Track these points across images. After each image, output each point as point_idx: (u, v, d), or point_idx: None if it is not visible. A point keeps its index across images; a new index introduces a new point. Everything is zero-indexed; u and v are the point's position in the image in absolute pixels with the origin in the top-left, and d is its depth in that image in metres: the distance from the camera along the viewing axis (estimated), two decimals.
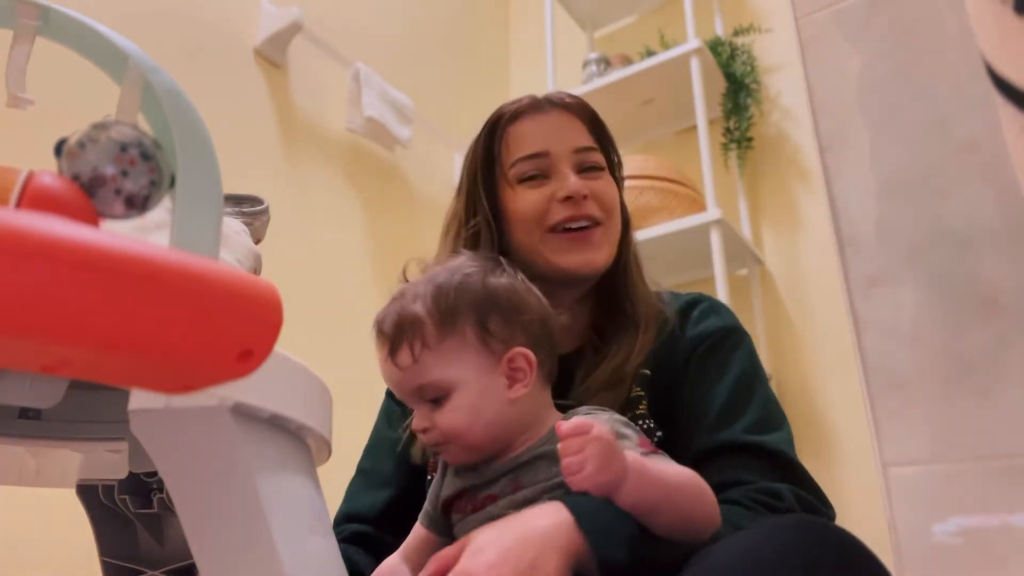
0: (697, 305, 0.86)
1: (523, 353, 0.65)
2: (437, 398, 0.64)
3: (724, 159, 2.06)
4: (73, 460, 0.68)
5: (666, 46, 2.13)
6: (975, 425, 0.78)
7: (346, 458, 0.83)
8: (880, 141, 0.89)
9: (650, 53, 2.15)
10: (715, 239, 1.72)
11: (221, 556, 0.40)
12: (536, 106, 0.87)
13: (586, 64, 2.21)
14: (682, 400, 0.78)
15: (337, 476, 0.85)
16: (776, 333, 1.91)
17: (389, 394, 0.94)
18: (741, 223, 2.00)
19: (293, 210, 1.71)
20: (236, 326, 0.29)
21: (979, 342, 0.79)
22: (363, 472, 0.89)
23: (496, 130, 0.86)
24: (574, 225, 0.81)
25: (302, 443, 0.49)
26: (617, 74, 2.05)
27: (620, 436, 0.61)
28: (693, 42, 1.94)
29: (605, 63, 2.18)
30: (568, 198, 0.81)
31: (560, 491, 0.59)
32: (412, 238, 2.02)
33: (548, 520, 0.54)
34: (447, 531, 0.69)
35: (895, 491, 0.81)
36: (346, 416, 0.85)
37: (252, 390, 0.40)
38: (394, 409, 0.91)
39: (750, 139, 2.05)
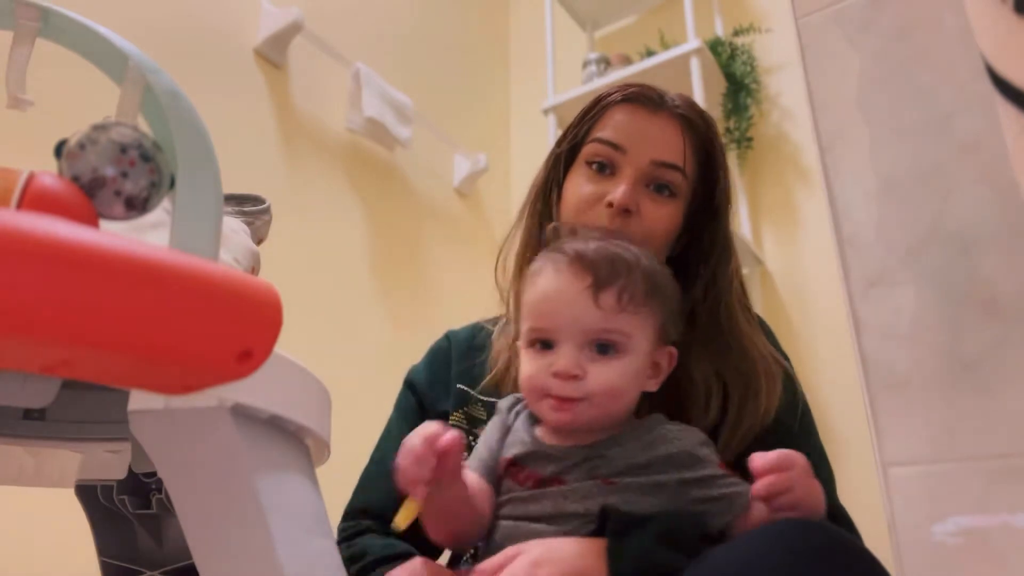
0: None
1: (672, 353, 0.68)
2: (607, 348, 0.62)
3: None
4: (72, 460, 0.68)
5: (666, 46, 2.13)
6: (975, 425, 0.78)
7: (345, 459, 0.83)
8: (880, 141, 0.89)
9: (650, 53, 2.15)
10: None
11: (220, 557, 0.40)
12: (646, 99, 0.82)
13: (586, 64, 2.20)
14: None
15: (337, 476, 0.84)
16: (776, 333, 1.90)
17: (408, 386, 0.90)
18: (741, 223, 2.00)
19: (293, 210, 1.71)
20: (236, 327, 0.29)
21: (979, 342, 0.79)
22: (377, 463, 0.87)
23: (598, 104, 0.84)
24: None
25: (301, 444, 0.49)
26: (617, 74, 2.05)
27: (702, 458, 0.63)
28: (693, 42, 1.94)
29: (605, 63, 2.17)
30: (610, 205, 0.77)
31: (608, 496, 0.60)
32: (412, 238, 2.01)
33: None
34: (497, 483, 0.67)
35: (895, 491, 0.81)
36: (345, 417, 0.85)
37: (252, 391, 0.40)
38: (410, 405, 0.88)
39: (750, 139, 2.05)
